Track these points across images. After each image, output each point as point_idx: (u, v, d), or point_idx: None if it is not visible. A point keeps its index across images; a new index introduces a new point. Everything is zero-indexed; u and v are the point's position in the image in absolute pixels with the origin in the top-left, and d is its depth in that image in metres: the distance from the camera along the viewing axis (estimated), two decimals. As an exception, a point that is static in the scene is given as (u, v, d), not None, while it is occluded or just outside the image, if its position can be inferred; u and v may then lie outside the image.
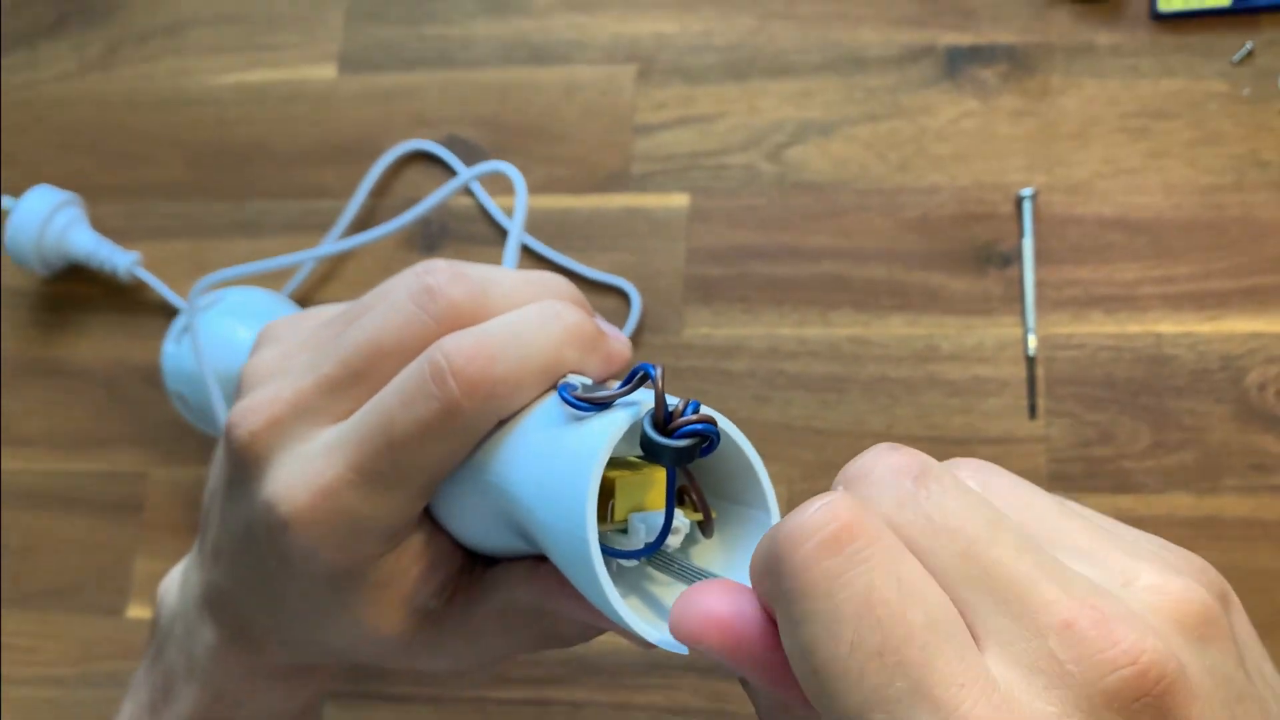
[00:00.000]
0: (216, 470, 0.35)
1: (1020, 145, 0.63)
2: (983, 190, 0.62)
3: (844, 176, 0.64)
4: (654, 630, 0.26)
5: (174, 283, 0.69)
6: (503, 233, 0.67)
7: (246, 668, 0.36)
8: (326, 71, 0.73)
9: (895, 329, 0.61)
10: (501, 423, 0.30)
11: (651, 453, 0.26)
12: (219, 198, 0.72)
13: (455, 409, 0.28)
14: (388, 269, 0.67)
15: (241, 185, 0.72)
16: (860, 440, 0.60)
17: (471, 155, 0.69)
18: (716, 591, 0.22)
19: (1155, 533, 0.24)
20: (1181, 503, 0.56)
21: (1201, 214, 0.60)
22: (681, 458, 0.26)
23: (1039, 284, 0.60)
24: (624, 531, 0.28)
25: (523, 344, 0.29)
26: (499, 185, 0.68)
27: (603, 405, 0.27)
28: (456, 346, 0.28)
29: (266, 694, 0.38)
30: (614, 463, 0.27)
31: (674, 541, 0.28)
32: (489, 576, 0.34)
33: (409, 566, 0.32)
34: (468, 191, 0.68)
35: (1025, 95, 0.63)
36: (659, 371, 0.26)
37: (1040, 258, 0.61)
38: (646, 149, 0.67)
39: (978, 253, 0.62)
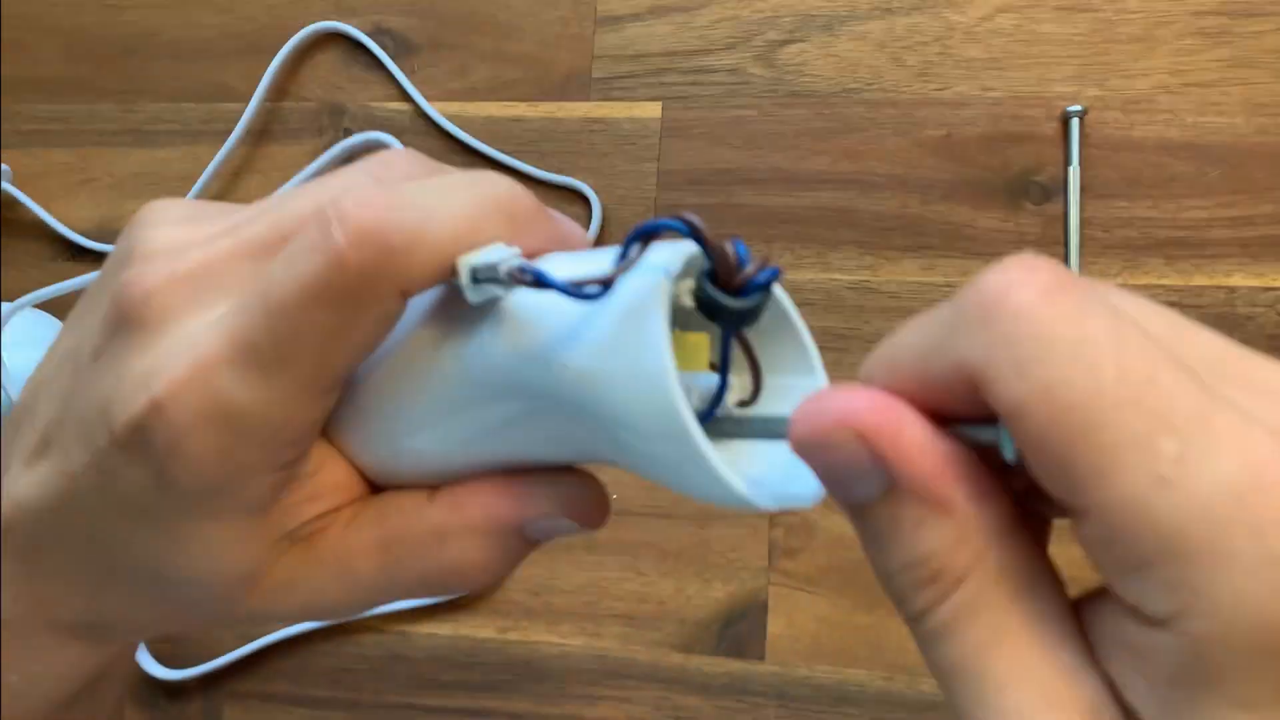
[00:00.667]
0: (72, 344, 0.28)
1: (1068, 49, 0.51)
2: (1021, 105, 0.51)
3: (851, 84, 0.52)
4: (752, 489, 0.22)
5: (52, 202, 0.58)
6: (444, 141, 0.56)
7: (28, 612, 0.29)
8: (231, -56, 0.60)
9: (909, 274, 0.50)
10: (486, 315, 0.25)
11: (714, 314, 0.23)
12: (104, 97, 0.60)
13: (341, 263, 0.24)
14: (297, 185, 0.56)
15: (131, 83, 0.60)
16: (861, 410, 0.50)
17: (402, 50, 0.57)
18: (855, 388, 0.20)
19: None
20: None
21: (1292, 139, 0.48)
22: (747, 319, 0.23)
23: (1086, 222, 0.49)
24: None
25: (435, 198, 0.25)
26: (439, 78, 0.57)
27: (603, 285, 0.23)
28: (353, 194, 0.24)
29: (46, 656, 0.30)
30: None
31: (724, 403, 0.25)
32: (377, 501, 0.29)
33: (295, 496, 0.27)
34: (402, 94, 0.57)
35: (1078, -15, 0.51)
36: (695, 221, 0.22)
37: (1088, 190, 0.49)
38: (612, 45, 0.55)
39: (1012, 183, 0.50)
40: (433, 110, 0.56)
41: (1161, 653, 0.17)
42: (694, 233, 0.22)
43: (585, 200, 0.54)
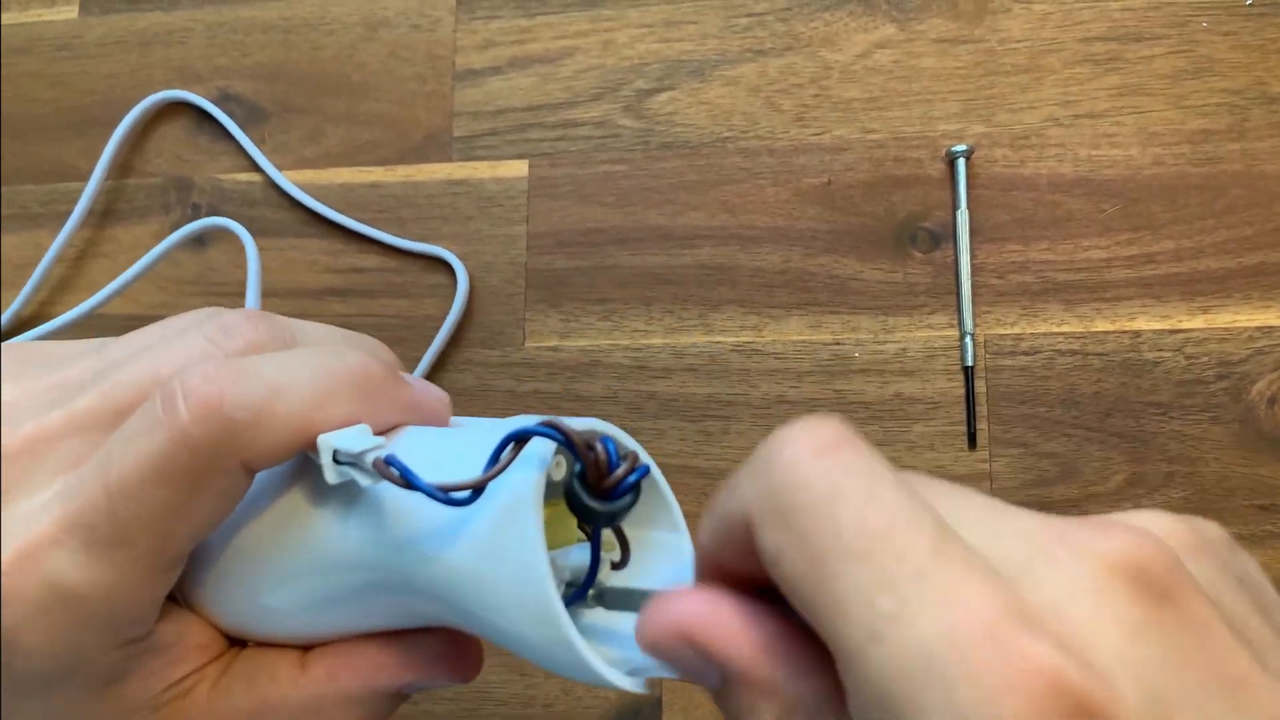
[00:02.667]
0: None
1: (951, 84, 0.48)
2: (904, 146, 0.47)
3: (725, 132, 0.49)
4: (620, 675, 0.23)
5: (-123, 298, 0.54)
6: (298, 212, 0.52)
7: None
8: (67, 11, 0.56)
9: (794, 334, 0.47)
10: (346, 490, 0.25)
11: (584, 516, 0.23)
12: (-64, 183, 0.56)
13: (184, 440, 0.23)
14: (146, 267, 0.52)
15: (-36, 165, 0.56)
16: (752, 483, 0.46)
17: (250, 117, 0.53)
18: (684, 592, 0.21)
19: None
20: (1168, 558, 0.43)
21: (1190, 170, 0.45)
22: (618, 517, 0.23)
23: (978, 269, 0.46)
24: None
25: (284, 371, 0.24)
26: (291, 145, 0.53)
27: (474, 490, 0.23)
28: (196, 367, 0.24)
29: None
30: None
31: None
32: (245, 662, 0.28)
33: (151, 664, 0.27)
34: (251, 164, 0.53)
35: (957, 17, 0.48)
36: (565, 427, 0.22)
37: (979, 233, 0.46)
38: (472, 101, 0.51)
39: (898, 230, 0.47)
40: (284, 180, 0.52)
41: None
42: (565, 440, 0.22)
43: (450, 269, 0.50)
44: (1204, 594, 0.18)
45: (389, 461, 0.23)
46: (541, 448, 0.23)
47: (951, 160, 0.47)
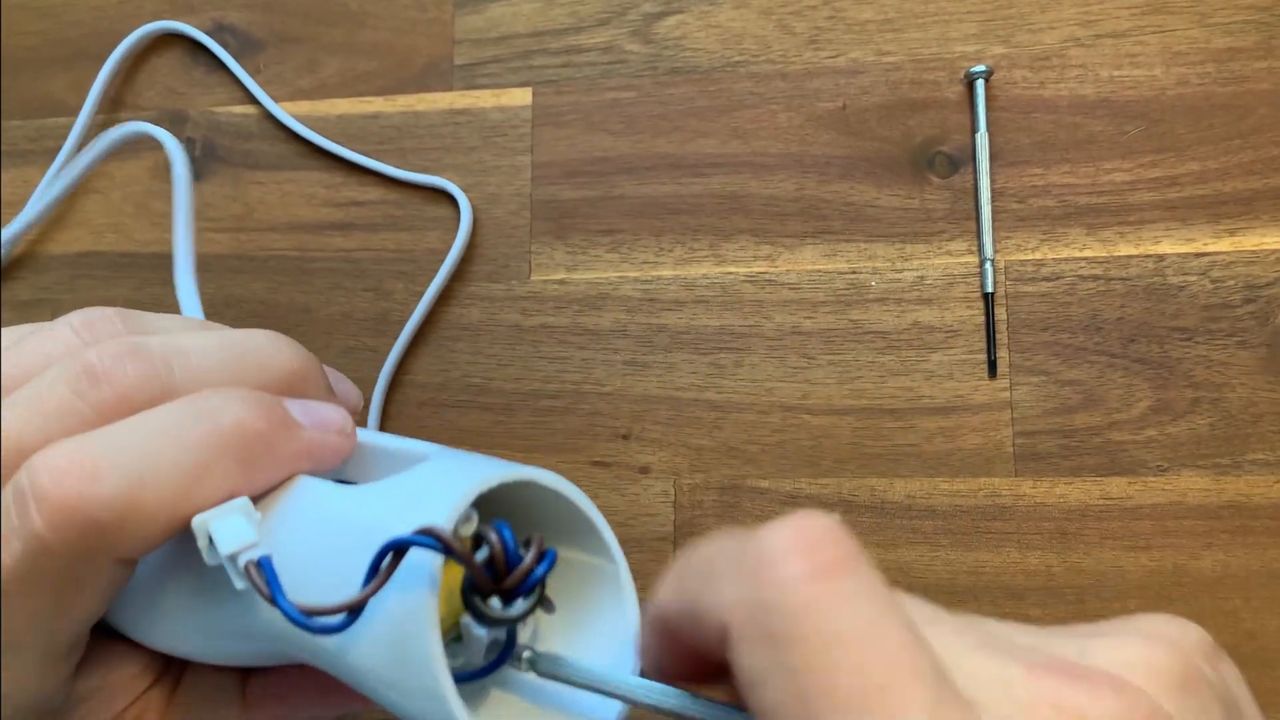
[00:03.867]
0: None
1: (969, 4, 0.46)
2: (920, 68, 0.46)
3: (736, 57, 0.48)
4: None
5: None
6: (295, 144, 0.50)
7: None
8: (53, -59, 0.54)
9: (809, 262, 0.46)
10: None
11: (492, 625, 0.21)
12: (-80, 119, 0.54)
13: (42, 549, 0.21)
14: (142, 203, 0.50)
15: (-51, 101, 0.54)
16: (767, 415, 0.45)
17: (245, 48, 0.52)
18: None
19: (1159, 525, 0.22)
20: (1193, 486, 0.42)
21: (1215, 90, 0.44)
22: (521, 619, 0.21)
23: (998, 193, 0.45)
24: (457, 639, 0.23)
25: (145, 456, 0.22)
26: (287, 75, 0.51)
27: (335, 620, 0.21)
28: (46, 461, 0.21)
29: None
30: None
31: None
32: (186, 697, 0.27)
33: (82, 712, 0.26)
34: (248, 95, 0.51)
35: (975, -66, 0.47)
36: (447, 538, 0.20)
37: (998, 157, 0.45)
38: (474, 28, 0.50)
39: (915, 155, 0.46)
40: (280, 112, 0.50)
41: None
42: (449, 552, 0.20)
43: (453, 201, 0.49)
44: None
45: (262, 566, 0.21)
46: (427, 558, 0.20)
47: (970, 82, 0.45)
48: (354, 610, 0.21)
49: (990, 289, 0.44)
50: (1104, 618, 0.42)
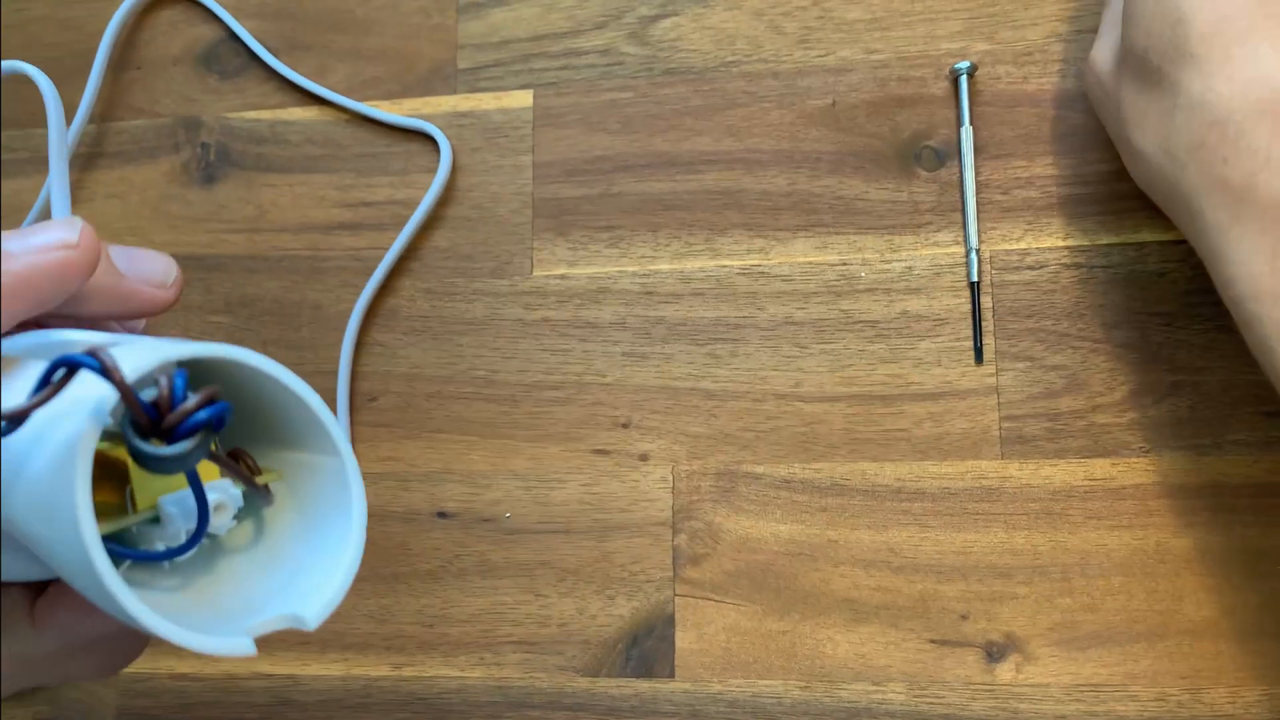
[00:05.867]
0: None
1: (954, 3, 0.48)
2: (907, 65, 0.48)
3: (729, 57, 0.49)
4: (206, 638, 0.21)
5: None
6: (309, 153, 0.52)
7: None
8: (72, -44, 0.56)
9: (801, 255, 0.47)
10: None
11: (151, 467, 0.20)
12: (-53, 129, 0.56)
13: None
14: (158, 207, 0.52)
15: (-25, 111, 0.56)
16: (761, 403, 0.47)
17: (253, 56, 0.54)
18: None
19: (1142, 505, 0.23)
20: (1175, 466, 0.43)
21: (1193, 81, 0.45)
22: (189, 462, 0.20)
23: (982, 185, 0.46)
24: (157, 520, 0.24)
25: None
26: (321, 74, 0.53)
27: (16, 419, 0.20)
28: None
29: None
30: (115, 435, 0.22)
31: (224, 519, 0.24)
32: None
33: None
34: (261, 103, 0.53)
35: (959, -66, 0.48)
36: (109, 361, 0.19)
37: (983, 151, 0.46)
38: (476, 33, 0.52)
39: (903, 149, 0.47)
40: (321, 89, 0.52)
41: None
42: (107, 375, 0.19)
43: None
44: None
45: None
46: (99, 387, 0.20)
47: (955, 78, 0.47)
48: (15, 420, 0.20)
49: (976, 278, 0.45)
50: (1090, 595, 0.43)
